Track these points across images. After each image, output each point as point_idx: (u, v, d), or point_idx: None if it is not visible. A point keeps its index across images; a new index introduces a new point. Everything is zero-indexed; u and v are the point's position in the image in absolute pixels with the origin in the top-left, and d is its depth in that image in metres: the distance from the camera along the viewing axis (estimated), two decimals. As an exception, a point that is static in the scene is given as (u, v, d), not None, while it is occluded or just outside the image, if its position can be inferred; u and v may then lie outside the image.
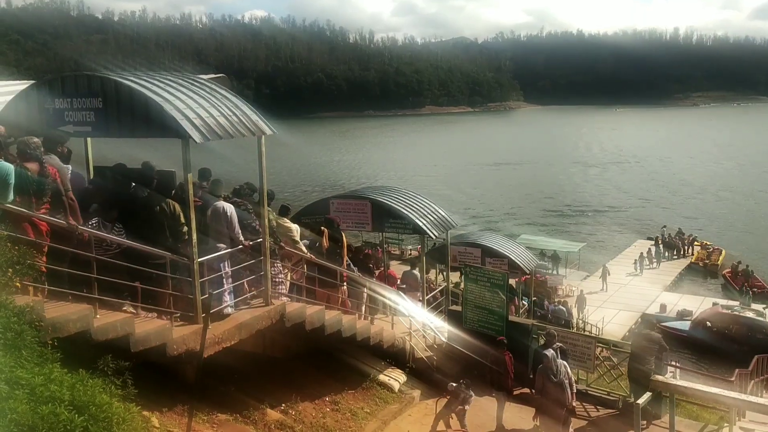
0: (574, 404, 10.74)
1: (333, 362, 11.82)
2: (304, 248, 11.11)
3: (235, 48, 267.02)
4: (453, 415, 10.83)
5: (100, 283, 6.57)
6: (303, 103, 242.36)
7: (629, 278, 39.88)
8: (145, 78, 7.84)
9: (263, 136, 8.38)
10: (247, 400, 9.17)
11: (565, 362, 10.82)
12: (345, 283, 12.00)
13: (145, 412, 6.37)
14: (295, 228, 11.16)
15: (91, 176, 8.83)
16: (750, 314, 29.99)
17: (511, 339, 12.60)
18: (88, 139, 8.81)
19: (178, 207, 7.84)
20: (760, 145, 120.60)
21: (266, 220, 8.65)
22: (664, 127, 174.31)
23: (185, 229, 7.67)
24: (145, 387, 5.92)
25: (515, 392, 12.23)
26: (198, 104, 7.61)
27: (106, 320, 6.48)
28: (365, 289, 12.69)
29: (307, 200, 17.44)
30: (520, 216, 63.88)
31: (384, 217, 14.98)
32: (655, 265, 42.31)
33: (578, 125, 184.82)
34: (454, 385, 11.05)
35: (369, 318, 12.98)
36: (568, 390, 10.47)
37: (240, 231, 8.59)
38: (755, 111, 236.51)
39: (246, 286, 8.81)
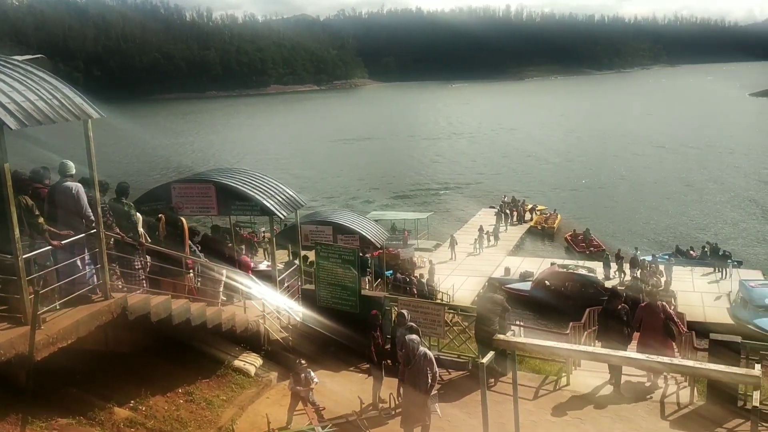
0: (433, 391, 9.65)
1: (185, 352, 11.40)
2: (147, 237, 10.65)
3: (59, 27, 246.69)
4: (303, 400, 10.55)
5: None
6: (139, 85, 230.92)
7: (475, 246, 41.77)
8: (-56, 60, 7.07)
9: (89, 120, 7.85)
10: (91, 400, 8.66)
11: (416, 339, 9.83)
12: (191, 271, 11.61)
13: (-30, 426, 5.83)
14: (136, 216, 10.64)
15: None
16: (583, 271, 32.61)
17: (366, 312, 12.78)
18: None
19: (29, 200, 7.69)
20: (588, 115, 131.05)
21: (99, 208, 8.17)
22: (497, 101, 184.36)
23: (41, 220, 7.61)
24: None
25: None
26: (11, 87, 6.97)
27: None
28: (215, 274, 12.36)
29: (147, 187, 16.63)
30: (370, 192, 65.11)
31: (230, 199, 14.60)
32: (493, 241, 43.03)
33: (419, 101, 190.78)
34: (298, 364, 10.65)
35: (220, 303, 12.67)
36: (428, 373, 9.47)
37: (91, 212, 8.25)
38: (578, 84, 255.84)
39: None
